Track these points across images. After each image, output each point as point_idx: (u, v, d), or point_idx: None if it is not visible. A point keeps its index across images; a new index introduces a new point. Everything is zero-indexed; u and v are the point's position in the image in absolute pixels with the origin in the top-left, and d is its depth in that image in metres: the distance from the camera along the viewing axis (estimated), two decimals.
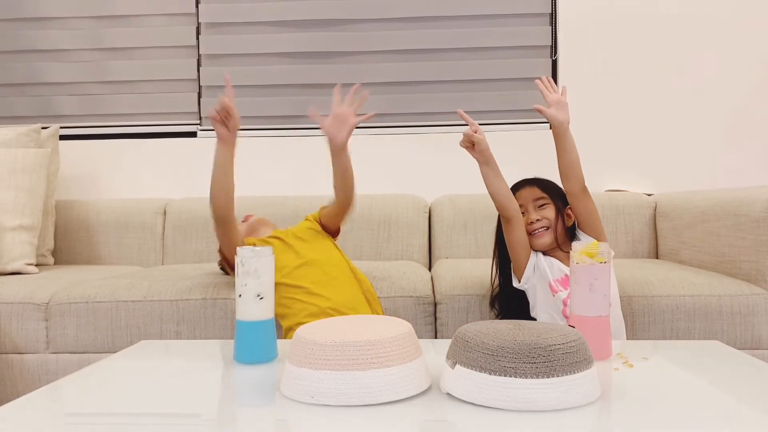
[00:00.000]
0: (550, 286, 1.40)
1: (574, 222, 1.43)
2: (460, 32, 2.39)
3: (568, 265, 1.39)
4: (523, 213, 1.41)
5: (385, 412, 0.78)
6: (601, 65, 2.35)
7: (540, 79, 1.42)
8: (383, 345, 0.82)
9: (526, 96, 2.40)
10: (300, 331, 0.87)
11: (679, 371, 0.99)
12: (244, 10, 2.42)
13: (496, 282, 1.51)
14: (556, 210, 1.40)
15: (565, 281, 1.39)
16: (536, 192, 1.41)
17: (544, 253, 1.45)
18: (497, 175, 1.36)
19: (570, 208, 1.42)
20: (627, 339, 1.44)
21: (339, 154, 1.43)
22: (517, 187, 1.45)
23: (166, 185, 2.40)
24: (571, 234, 1.44)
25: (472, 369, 0.80)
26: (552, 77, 2.39)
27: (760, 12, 2.30)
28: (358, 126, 1.45)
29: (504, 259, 1.48)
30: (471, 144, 1.33)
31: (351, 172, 1.45)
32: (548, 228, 1.40)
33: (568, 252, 1.38)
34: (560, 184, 1.43)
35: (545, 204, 1.40)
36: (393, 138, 2.38)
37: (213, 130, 1.43)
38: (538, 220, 1.40)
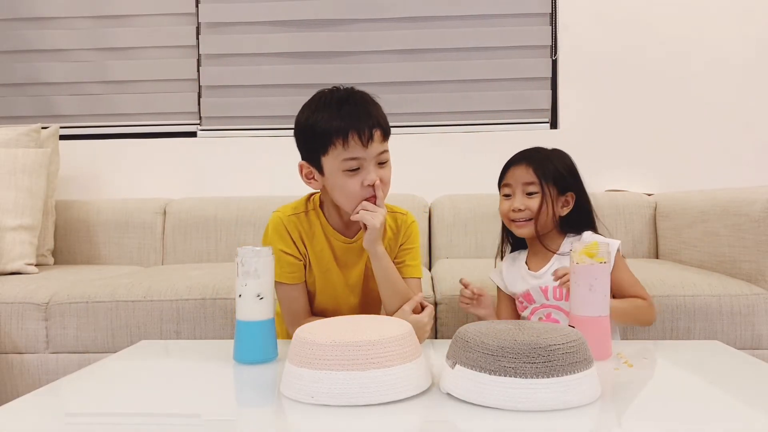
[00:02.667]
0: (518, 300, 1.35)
1: (572, 209, 1.31)
2: (460, 32, 2.39)
3: (539, 266, 1.30)
4: (508, 195, 1.30)
5: (385, 412, 0.78)
6: (600, 65, 2.35)
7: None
8: (383, 345, 0.82)
9: (526, 96, 2.40)
10: (300, 331, 0.87)
11: (679, 371, 0.99)
12: (244, 10, 2.42)
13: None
14: (542, 200, 1.26)
15: (528, 297, 1.31)
16: (529, 175, 1.26)
17: (516, 248, 1.38)
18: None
19: (571, 195, 1.30)
20: (627, 339, 1.44)
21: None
22: (512, 162, 1.31)
23: (166, 185, 2.40)
24: (565, 222, 1.31)
25: (472, 369, 0.80)
26: (552, 77, 2.39)
27: (760, 11, 2.29)
28: None
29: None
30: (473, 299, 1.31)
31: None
32: (530, 219, 1.27)
33: (552, 251, 1.29)
34: (559, 159, 1.31)
35: (534, 192, 1.27)
36: (393, 138, 2.36)
37: (213, 129, 1.38)
38: (521, 210, 1.27)
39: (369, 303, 1.29)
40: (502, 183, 1.32)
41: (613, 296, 1.19)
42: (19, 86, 2.48)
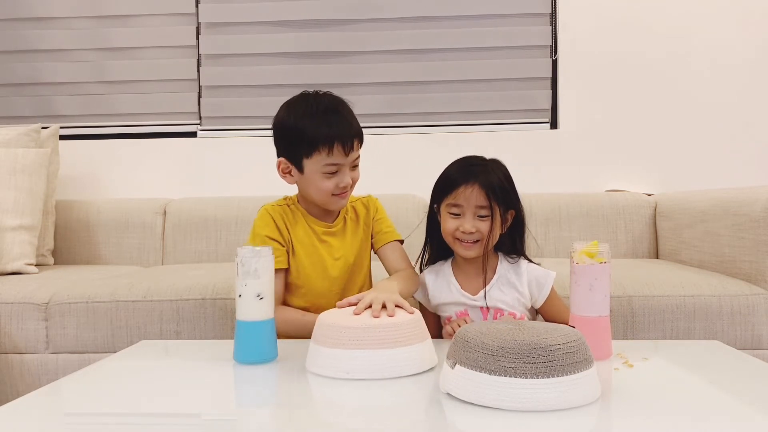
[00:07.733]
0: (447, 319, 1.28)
1: (510, 226, 1.27)
2: (460, 32, 2.39)
3: (474, 287, 1.26)
4: (458, 214, 1.23)
5: (386, 412, 0.78)
6: (601, 65, 2.35)
7: None
8: (405, 327, 0.97)
9: (526, 96, 2.40)
10: (324, 317, 1.00)
11: (679, 371, 1.00)
12: (244, 10, 2.42)
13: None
14: (492, 223, 1.22)
15: (464, 315, 1.26)
16: (482, 199, 1.20)
17: (437, 257, 1.33)
18: None
19: (511, 213, 1.26)
20: (627, 339, 1.44)
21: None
22: (463, 178, 1.22)
23: (166, 185, 2.40)
24: (503, 241, 1.28)
25: (472, 369, 0.80)
26: (552, 77, 2.39)
27: (761, 11, 2.29)
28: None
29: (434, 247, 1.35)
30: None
31: None
32: (478, 241, 1.23)
33: (485, 269, 1.25)
34: (502, 173, 1.25)
35: (485, 216, 1.21)
36: (393, 138, 2.38)
37: (213, 129, 1.42)
38: (471, 233, 1.21)
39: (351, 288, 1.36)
40: (448, 201, 1.24)
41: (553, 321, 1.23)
42: (19, 86, 2.48)
